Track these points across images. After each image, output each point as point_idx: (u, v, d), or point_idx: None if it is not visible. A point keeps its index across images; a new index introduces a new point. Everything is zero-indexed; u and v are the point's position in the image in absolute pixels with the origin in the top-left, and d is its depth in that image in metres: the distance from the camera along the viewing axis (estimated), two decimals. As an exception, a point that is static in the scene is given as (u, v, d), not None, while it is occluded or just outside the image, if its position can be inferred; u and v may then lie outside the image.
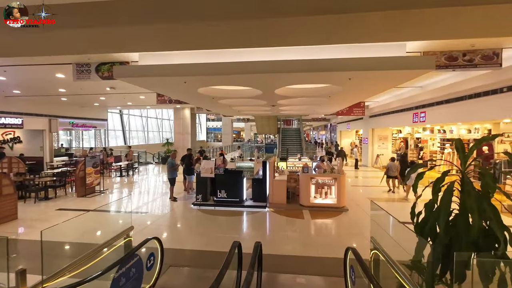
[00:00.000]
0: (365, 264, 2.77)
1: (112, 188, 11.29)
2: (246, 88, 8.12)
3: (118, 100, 15.31)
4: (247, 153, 19.97)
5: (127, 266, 3.01)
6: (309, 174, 8.02)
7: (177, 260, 4.86)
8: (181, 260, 4.88)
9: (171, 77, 6.12)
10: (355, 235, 6.16)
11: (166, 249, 5.26)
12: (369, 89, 7.67)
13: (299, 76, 5.97)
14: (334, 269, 4.57)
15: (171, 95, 10.14)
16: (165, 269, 4.43)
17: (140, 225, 6.75)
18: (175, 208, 8.30)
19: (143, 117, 34.21)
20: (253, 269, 2.72)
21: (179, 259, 4.92)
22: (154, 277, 3.72)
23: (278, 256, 5.03)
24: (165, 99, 12.57)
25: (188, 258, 5.01)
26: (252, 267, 2.75)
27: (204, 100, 10.43)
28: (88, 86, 10.94)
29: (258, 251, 3.57)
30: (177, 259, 4.94)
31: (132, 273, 3.12)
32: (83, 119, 18.38)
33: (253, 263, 2.82)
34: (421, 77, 9.57)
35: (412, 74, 5.72)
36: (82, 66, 7.19)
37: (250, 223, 7.15)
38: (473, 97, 8.33)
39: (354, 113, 15.92)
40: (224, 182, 8.29)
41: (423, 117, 11.17)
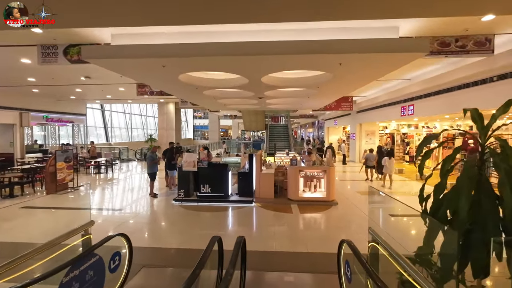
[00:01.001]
0: (363, 258, 2.39)
1: (87, 185, 10.52)
2: (231, 77, 7.64)
3: (96, 92, 14.43)
4: (234, 149, 19.47)
5: (81, 268, 2.49)
6: (297, 166, 7.66)
7: (153, 260, 4.35)
8: (157, 260, 4.37)
9: (147, 59, 5.55)
10: (346, 229, 5.84)
11: (140, 248, 4.74)
12: (360, 77, 7.35)
13: (287, 60, 5.55)
14: (325, 265, 4.20)
15: (150, 84, 9.50)
16: (137, 270, 3.92)
17: (113, 223, 6.16)
18: (155, 204, 7.72)
19: (127, 113, 32.99)
20: (233, 267, 2.28)
21: (154, 259, 4.41)
22: (120, 280, 3.20)
23: (264, 253, 4.61)
24: (146, 91, 11.88)
25: (165, 258, 4.50)
26: (233, 266, 2.31)
27: (187, 91, 9.84)
28: (61, 76, 10.13)
29: (241, 246, 3.13)
30: (152, 258, 4.42)
31: (89, 276, 2.61)
32: (58, 113, 17.27)
33: (233, 261, 2.38)
34: (410, 68, 9.43)
35: (406, 58, 5.42)
36: (48, 48, 6.49)
37: (235, 218, 6.70)
38: (462, 88, 8.21)
39: (342, 107, 15.76)
40: (208, 176, 7.79)
41: (411, 110, 11.07)
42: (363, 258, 2.37)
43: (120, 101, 20.06)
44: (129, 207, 7.50)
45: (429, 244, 2.04)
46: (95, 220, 3.45)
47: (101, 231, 4.68)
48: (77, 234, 2.87)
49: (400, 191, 9.77)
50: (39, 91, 13.49)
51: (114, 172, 13.79)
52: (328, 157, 7.94)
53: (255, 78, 7.32)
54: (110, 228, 5.71)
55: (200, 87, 8.74)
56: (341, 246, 3.09)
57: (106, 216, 6.74)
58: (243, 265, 3.27)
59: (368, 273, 2.14)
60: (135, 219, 6.48)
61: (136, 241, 5.08)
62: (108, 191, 9.59)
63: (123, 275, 3.22)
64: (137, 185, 10.57)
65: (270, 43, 5.05)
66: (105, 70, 9.29)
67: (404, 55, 5.18)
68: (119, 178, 12.35)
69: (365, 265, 2.24)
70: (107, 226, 5.81)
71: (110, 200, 8.41)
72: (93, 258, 2.69)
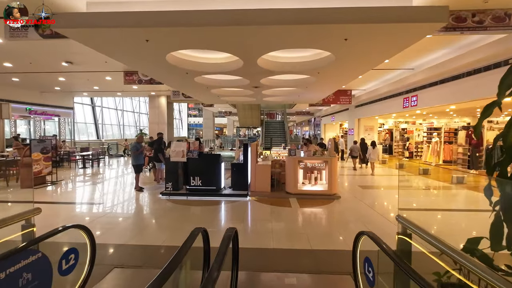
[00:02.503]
0: (397, 255, 1.76)
1: (68, 178, 9.73)
2: (225, 60, 7.02)
3: (82, 83, 13.59)
4: (229, 145, 18.79)
5: (10, 269, 1.81)
6: (296, 157, 7.02)
7: (128, 259, 3.67)
8: (134, 259, 3.68)
9: (127, 31, 4.84)
10: (353, 224, 5.21)
11: (114, 246, 4.05)
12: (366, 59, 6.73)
13: (285, 34, 4.90)
14: (332, 264, 3.58)
15: (137, 67, 8.72)
16: (107, 270, 3.24)
17: (84, 217, 5.45)
18: (140, 199, 7.00)
19: (118, 110, 32.04)
20: (219, 267, 1.63)
21: (130, 258, 3.72)
22: (79, 283, 2.52)
23: (261, 250, 3.96)
24: (134, 79, 11.13)
25: (143, 256, 3.81)
26: (219, 265, 1.65)
27: (178, 77, 9.11)
28: (39, 60, 9.32)
29: (232, 240, 2.48)
30: (128, 257, 3.74)
31: (26, 280, 1.92)
32: (43, 106, 16.35)
33: (220, 259, 1.72)
34: (414, 55, 8.87)
35: (421, 31, 4.80)
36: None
37: (228, 213, 6.03)
38: (472, 74, 7.68)
39: (341, 101, 15.24)
40: (198, 168, 7.10)
41: (414, 101, 10.53)
42: (398, 256, 1.74)
43: (109, 94, 19.16)
44: (110, 202, 6.77)
45: (497, 234, 1.42)
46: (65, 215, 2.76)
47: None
48: (13, 224, 2.16)
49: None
50: (20, 80, 12.62)
51: (100, 167, 12.98)
52: (330, 147, 7.32)
53: (250, 60, 6.67)
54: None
55: (191, 72, 8.03)
56: (358, 240, 2.46)
57: (78, 211, 5.99)
58: (234, 264, 2.61)
59: (411, 275, 1.51)
60: (113, 214, 5.76)
61: (110, 238, 4.39)
62: (89, 184, 8.81)
63: (81, 279, 2.53)
64: (123, 179, 9.82)
65: (267, 11, 4.40)
66: (88, 54, 8.51)
67: (419, 27, 4.56)
68: (104, 172, 11.56)
69: (403, 263, 1.60)
70: (75, 221, 5.09)
71: (89, 194, 7.64)
72: (32, 256, 2.00)
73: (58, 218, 5.34)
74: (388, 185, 9.19)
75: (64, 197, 7.39)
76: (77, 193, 7.78)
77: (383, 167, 13.63)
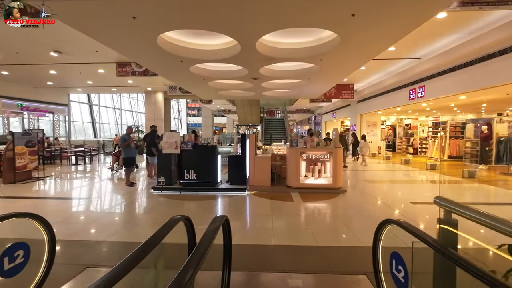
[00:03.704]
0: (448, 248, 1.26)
1: (57, 174, 9.22)
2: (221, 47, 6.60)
3: (74, 76, 13.09)
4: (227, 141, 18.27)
5: None
6: (298, 148, 6.51)
7: (105, 258, 3.17)
8: (110, 258, 3.18)
9: (112, 3, 4.34)
10: (364, 218, 4.69)
11: (89, 243, 3.54)
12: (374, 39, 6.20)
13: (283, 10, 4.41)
14: (343, 263, 3.09)
15: (126, 52, 8.00)
16: (78, 271, 2.74)
17: (61, 213, 4.96)
18: (130, 194, 6.49)
19: (116, 109, 31.63)
20: (196, 264, 1.12)
21: (107, 257, 3.22)
22: (31, 287, 2.01)
23: (261, 247, 3.46)
24: (127, 71, 10.64)
25: (124, 255, 3.30)
26: (196, 262, 1.15)
27: (172, 67, 8.60)
28: (26, 50, 8.82)
29: (223, 232, 1.98)
30: (105, 256, 3.24)
31: None
32: (36, 102, 15.84)
33: (198, 256, 1.22)
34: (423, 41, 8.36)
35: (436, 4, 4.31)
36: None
37: (225, 208, 5.52)
38: (486, 59, 7.18)
39: (343, 95, 14.75)
40: (193, 161, 6.60)
41: (421, 92, 10.02)
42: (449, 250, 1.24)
43: (104, 90, 18.62)
44: (95, 197, 6.26)
45: None
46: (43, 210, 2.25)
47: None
48: None
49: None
50: (10, 74, 12.14)
51: (93, 164, 12.47)
52: (334, 138, 6.82)
53: (248, 44, 6.18)
54: (52, 220, 4.50)
55: (186, 60, 7.52)
56: (381, 230, 1.96)
57: (58, 206, 5.46)
58: (226, 262, 2.11)
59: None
60: (95, 210, 5.26)
61: (87, 234, 3.87)
62: (77, 180, 8.29)
63: (35, 281, 2.03)
64: (116, 175, 9.31)
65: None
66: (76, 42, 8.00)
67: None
68: (96, 168, 11.05)
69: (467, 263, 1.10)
70: (51, 217, 4.60)
71: (75, 189, 7.13)
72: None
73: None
74: (395, 180, 8.68)
75: (47, 192, 6.86)
76: (62, 188, 7.27)
77: (387, 163, 13.14)
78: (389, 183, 8.10)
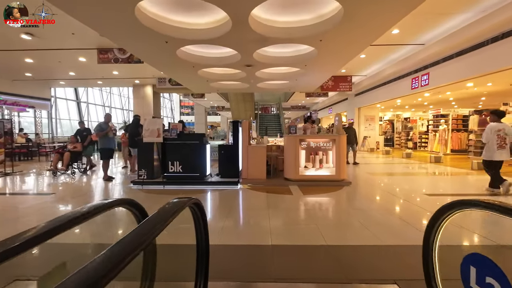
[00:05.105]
0: None
1: (29, 169, 8.31)
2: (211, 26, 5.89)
3: (54, 66, 12.12)
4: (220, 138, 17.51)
5: None
6: (297, 135, 5.79)
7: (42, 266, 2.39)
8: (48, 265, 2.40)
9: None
10: (379, 213, 4.00)
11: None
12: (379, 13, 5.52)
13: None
14: (363, 267, 2.37)
15: (101, 28, 7.00)
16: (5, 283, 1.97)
17: (18, 211, 4.15)
18: (104, 188, 5.68)
19: (106, 106, 30.58)
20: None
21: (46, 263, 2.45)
22: None
23: (255, 248, 2.73)
24: (109, 58, 9.79)
25: (67, 259, 2.53)
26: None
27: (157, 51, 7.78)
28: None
29: (196, 221, 1.25)
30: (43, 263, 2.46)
31: None
32: (14, 96, 14.80)
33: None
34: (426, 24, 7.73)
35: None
36: None
37: (214, 202, 4.77)
38: (499, 39, 6.59)
39: (341, 88, 14.18)
40: (178, 151, 5.83)
41: (425, 80, 9.43)
42: None
43: (89, 83, 17.60)
44: (63, 193, 5.43)
45: None
46: None
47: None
48: None
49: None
50: (-19, 63, 11.15)
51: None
52: (337, 124, 6.12)
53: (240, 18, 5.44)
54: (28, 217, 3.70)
55: (171, 40, 6.73)
56: (439, 221, 1.25)
57: (11, 202, 4.64)
58: (201, 269, 1.37)
59: None
60: (55, 206, 4.46)
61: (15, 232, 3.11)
62: (49, 176, 7.39)
63: None
64: (94, 170, 8.44)
65: None
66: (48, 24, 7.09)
67: None
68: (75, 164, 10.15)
69: None
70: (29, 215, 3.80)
71: (43, 185, 6.24)
72: None
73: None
74: (400, 172, 8.05)
75: (7, 188, 5.99)
76: (27, 184, 6.39)
77: (386, 157, 12.56)
78: (395, 176, 7.46)
